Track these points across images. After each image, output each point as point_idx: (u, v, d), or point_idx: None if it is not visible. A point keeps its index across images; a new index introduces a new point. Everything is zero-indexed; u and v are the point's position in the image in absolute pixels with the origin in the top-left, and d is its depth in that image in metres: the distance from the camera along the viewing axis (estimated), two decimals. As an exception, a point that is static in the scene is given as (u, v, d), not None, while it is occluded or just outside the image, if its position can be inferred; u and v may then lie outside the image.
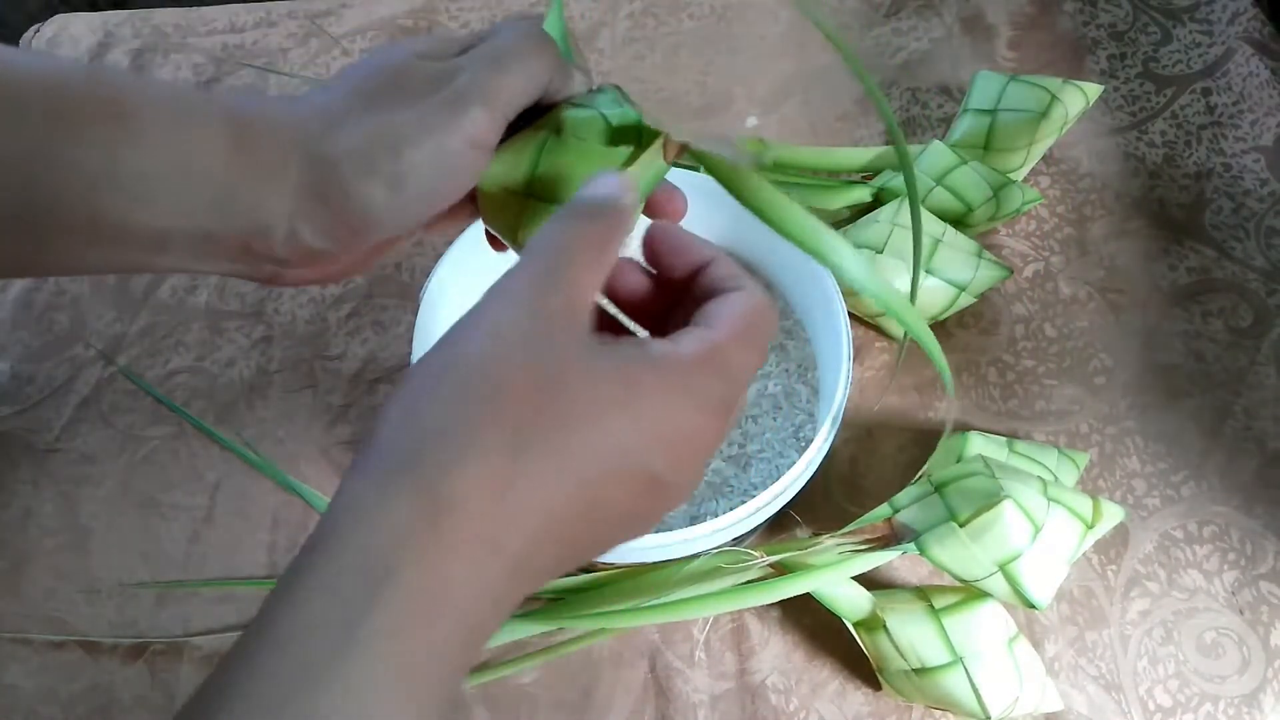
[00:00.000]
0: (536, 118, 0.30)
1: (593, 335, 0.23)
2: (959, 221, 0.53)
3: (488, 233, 0.34)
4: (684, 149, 0.30)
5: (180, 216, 0.26)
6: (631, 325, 0.29)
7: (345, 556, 0.19)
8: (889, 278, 0.49)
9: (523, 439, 0.21)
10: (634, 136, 0.30)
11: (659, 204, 0.32)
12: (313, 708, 0.18)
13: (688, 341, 0.24)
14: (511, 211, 0.30)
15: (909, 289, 0.49)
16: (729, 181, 0.29)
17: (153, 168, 0.25)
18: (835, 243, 0.28)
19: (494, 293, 0.23)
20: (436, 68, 0.28)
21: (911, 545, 0.42)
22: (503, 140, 0.29)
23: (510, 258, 0.29)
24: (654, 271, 0.28)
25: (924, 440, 0.51)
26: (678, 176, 0.48)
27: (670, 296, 0.28)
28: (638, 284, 0.28)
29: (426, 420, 0.21)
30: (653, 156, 0.30)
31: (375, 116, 0.27)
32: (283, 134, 0.26)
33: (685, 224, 0.50)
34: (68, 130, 0.24)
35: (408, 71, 0.27)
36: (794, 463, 0.40)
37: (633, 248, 0.35)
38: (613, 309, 0.29)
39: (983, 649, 0.40)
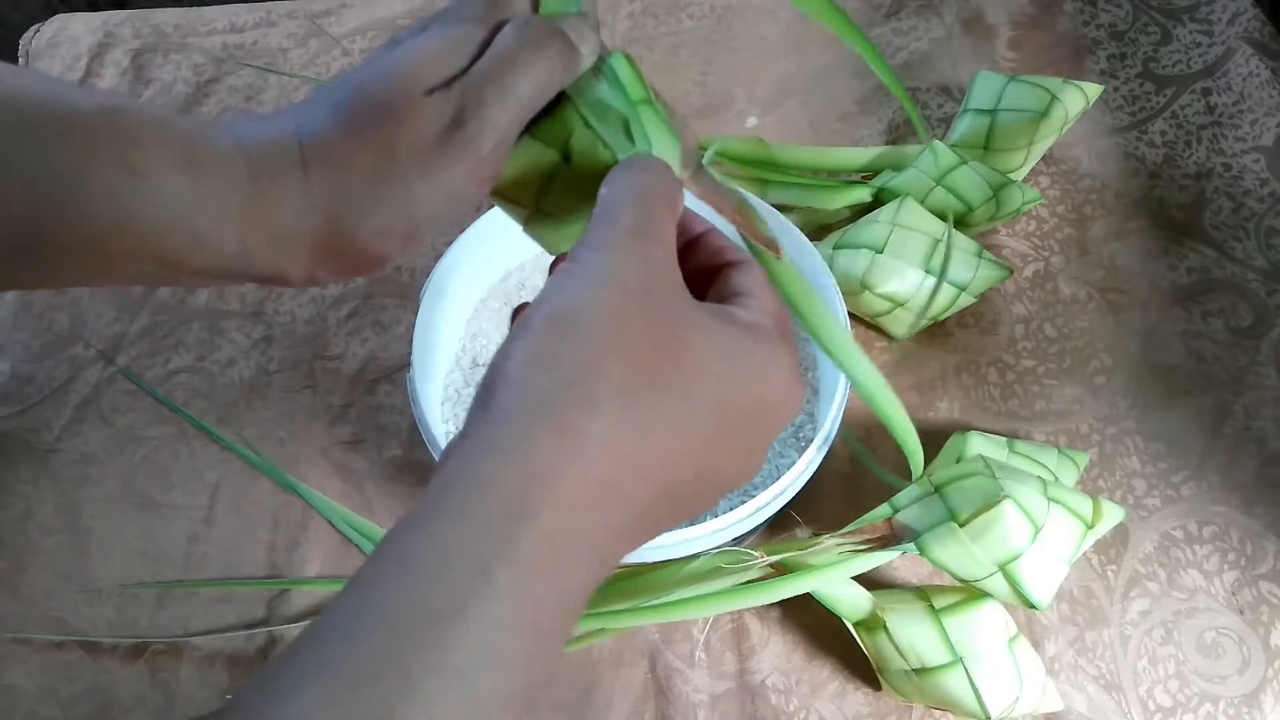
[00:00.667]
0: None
1: (694, 302, 0.24)
2: (959, 222, 0.53)
3: None
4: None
5: (195, 265, 0.26)
6: None
7: (486, 496, 0.19)
8: (889, 277, 0.49)
9: (652, 389, 0.21)
10: None
11: None
12: (449, 641, 0.18)
13: (759, 312, 0.25)
14: (520, 213, 0.30)
15: (910, 288, 0.49)
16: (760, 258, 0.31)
17: (166, 225, 0.25)
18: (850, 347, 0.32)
19: (596, 244, 0.23)
20: (443, 107, 0.26)
21: (911, 545, 0.42)
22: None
23: (510, 250, 0.29)
24: None
25: (924, 440, 0.50)
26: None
27: None
28: None
29: (562, 367, 0.21)
30: None
31: (386, 180, 0.26)
32: (294, 191, 0.26)
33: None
34: (79, 173, 0.24)
35: (414, 116, 0.25)
36: (794, 463, 0.40)
37: None
38: None
39: (983, 649, 0.40)
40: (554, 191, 0.28)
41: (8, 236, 0.24)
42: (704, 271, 0.28)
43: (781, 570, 0.43)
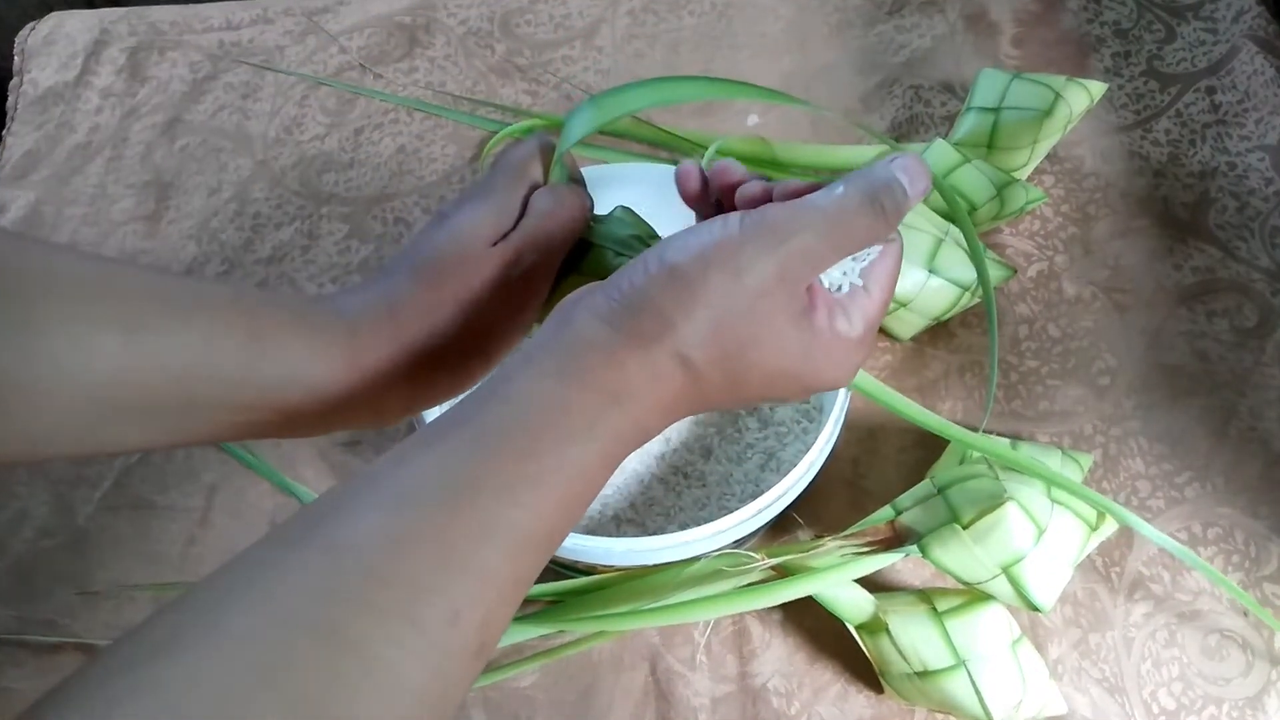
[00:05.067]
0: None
1: (800, 312, 0.29)
2: (959, 223, 0.52)
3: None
4: None
5: (308, 411, 0.32)
6: None
7: (593, 378, 0.27)
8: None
9: (725, 363, 0.28)
10: None
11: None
12: (562, 460, 0.26)
13: (859, 320, 0.30)
14: None
15: (913, 288, 0.49)
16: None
17: (283, 380, 0.31)
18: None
19: (753, 237, 0.28)
20: (505, 253, 0.33)
21: (914, 547, 0.42)
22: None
23: None
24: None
25: (926, 442, 0.50)
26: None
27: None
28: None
29: (669, 312, 0.27)
30: None
31: (469, 310, 0.32)
32: (390, 341, 0.32)
33: (690, 224, 0.49)
34: (211, 348, 0.30)
35: (485, 262, 0.33)
36: (796, 464, 0.40)
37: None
38: None
39: (986, 652, 0.40)
40: None
41: (156, 400, 0.29)
42: None
43: (783, 573, 0.43)
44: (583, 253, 0.35)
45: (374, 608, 0.22)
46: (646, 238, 0.35)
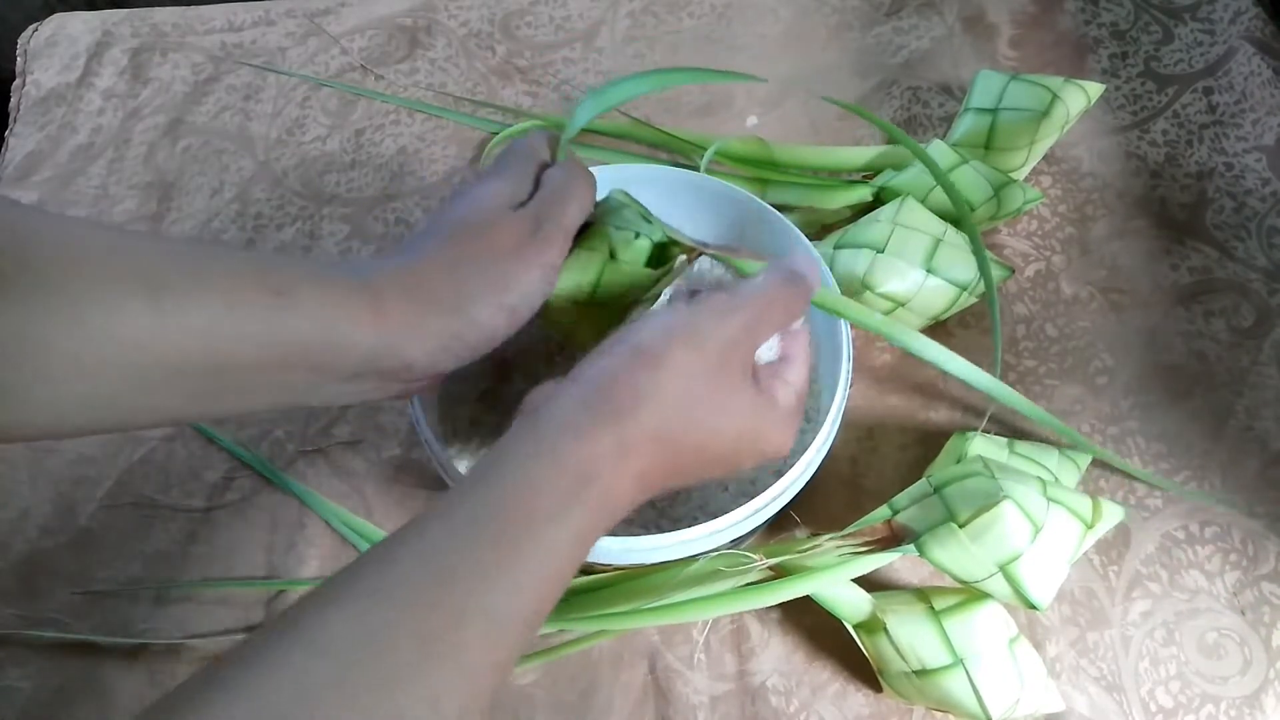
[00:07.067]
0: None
1: (749, 379, 0.33)
2: (960, 221, 0.53)
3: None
4: (700, 253, 0.39)
5: (338, 366, 0.33)
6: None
7: (564, 458, 0.29)
8: (890, 277, 0.49)
9: (692, 428, 0.32)
10: (661, 251, 0.39)
11: None
12: (535, 542, 0.28)
13: (790, 392, 0.35)
14: (572, 315, 0.38)
15: (911, 287, 0.49)
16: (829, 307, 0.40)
17: (310, 334, 0.32)
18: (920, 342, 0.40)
19: (704, 313, 0.33)
20: (525, 218, 0.35)
21: (911, 546, 0.42)
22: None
23: None
24: None
25: (925, 440, 0.50)
26: (678, 175, 0.48)
27: None
28: None
29: (638, 387, 0.30)
30: (681, 265, 0.39)
31: (490, 266, 0.34)
32: (416, 295, 0.33)
33: (690, 224, 0.50)
34: (236, 306, 0.30)
35: (508, 225, 0.35)
36: (794, 463, 0.40)
37: None
38: None
39: (983, 650, 0.40)
40: (604, 284, 0.38)
41: (186, 364, 0.30)
42: None
43: (781, 572, 0.43)
44: (584, 231, 0.38)
45: (355, 706, 0.24)
46: (643, 214, 0.39)
